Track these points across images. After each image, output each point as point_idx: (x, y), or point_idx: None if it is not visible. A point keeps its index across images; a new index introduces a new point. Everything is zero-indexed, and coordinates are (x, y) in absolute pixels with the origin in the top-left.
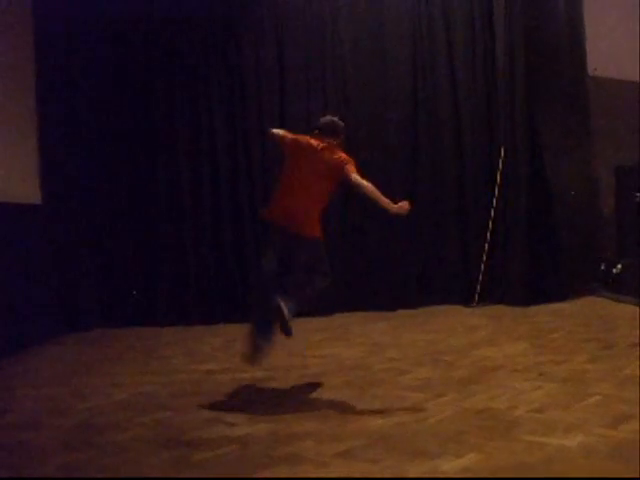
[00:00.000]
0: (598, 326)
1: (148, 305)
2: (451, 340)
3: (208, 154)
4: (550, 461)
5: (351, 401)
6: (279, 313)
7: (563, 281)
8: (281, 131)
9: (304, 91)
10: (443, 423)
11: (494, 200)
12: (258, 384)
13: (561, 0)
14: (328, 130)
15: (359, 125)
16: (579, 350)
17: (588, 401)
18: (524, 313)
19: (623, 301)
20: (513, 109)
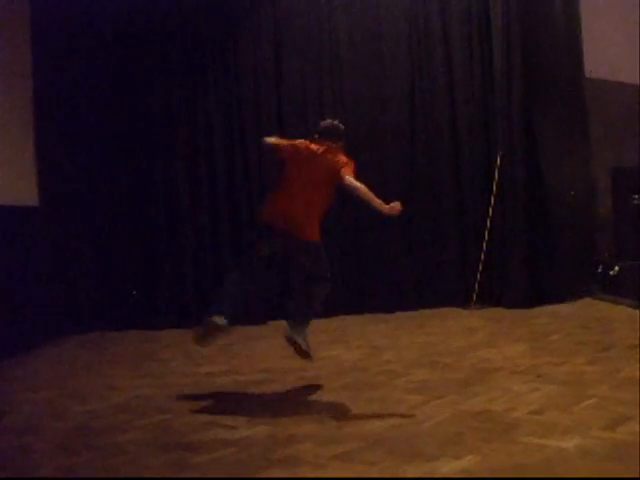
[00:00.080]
0: (596, 328)
1: (146, 307)
2: (449, 342)
3: (206, 155)
4: (548, 463)
5: (349, 403)
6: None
7: (561, 283)
8: (274, 139)
9: (301, 92)
10: (441, 425)
11: (492, 202)
12: (256, 387)
13: (558, 2)
14: (328, 134)
15: (356, 126)
16: (577, 352)
17: (586, 403)
18: (522, 315)
19: (621, 303)
20: (510, 111)
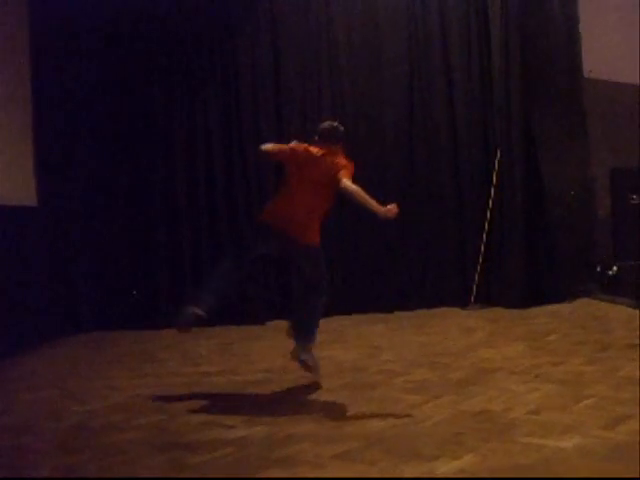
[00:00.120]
0: (594, 328)
1: (145, 307)
2: (448, 342)
3: (204, 155)
4: (547, 463)
5: (348, 403)
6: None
7: (559, 283)
8: (271, 145)
9: (299, 92)
10: (440, 425)
11: (490, 201)
12: (255, 386)
13: (556, 2)
14: (328, 136)
15: (355, 127)
16: (575, 352)
17: (585, 403)
18: (521, 315)
19: (619, 303)
20: (509, 110)
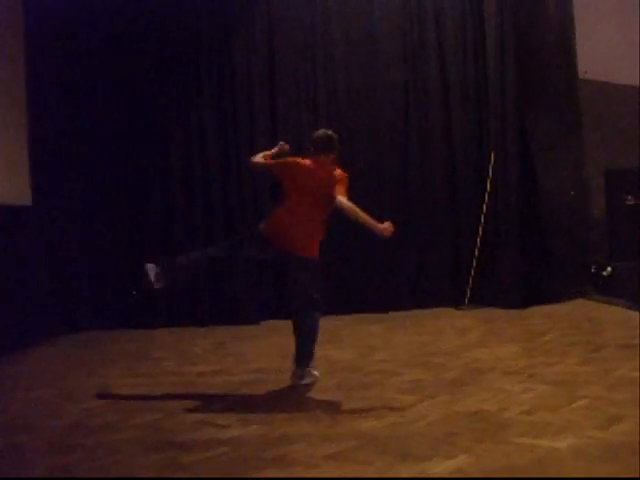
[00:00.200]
0: (589, 328)
1: (140, 307)
2: (442, 342)
3: (200, 156)
4: (541, 463)
5: (342, 403)
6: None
7: (554, 283)
8: (261, 158)
9: (295, 92)
10: (434, 425)
11: (485, 202)
12: (249, 386)
13: (551, 3)
14: (322, 146)
15: (350, 128)
16: (569, 352)
17: (578, 403)
18: (515, 315)
19: (613, 304)
20: (504, 111)
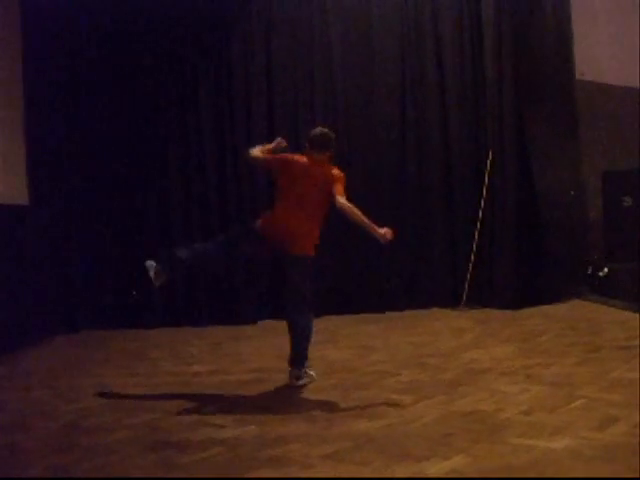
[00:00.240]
0: (585, 329)
1: (136, 307)
2: (439, 343)
3: (197, 156)
4: (537, 463)
5: (338, 403)
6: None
7: (550, 284)
8: (260, 153)
9: (292, 93)
10: (430, 425)
11: (482, 203)
12: (245, 386)
13: (549, 5)
14: (318, 144)
15: (347, 128)
16: (566, 353)
17: (575, 404)
18: (512, 316)
19: (610, 304)
20: (501, 112)
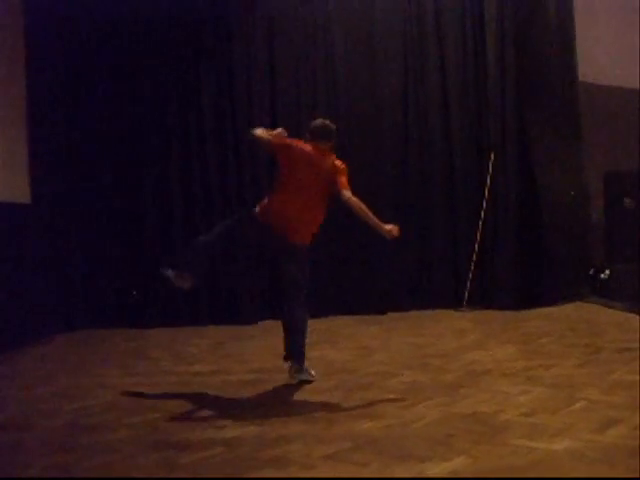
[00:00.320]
0: (586, 331)
1: (137, 306)
2: (440, 344)
3: (199, 156)
4: (538, 465)
5: (339, 404)
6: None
7: (552, 286)
8: (264, 132)
9: (294, 95)
10: (431, 427)
11: (484, 204)
12: (246, 386)
13: (552, 5)
14: (319, 134)
15: (349, 128)
16: (567, 355)
17: (576, 406)
18: (513, 317)
19: (611, 306)
20: (504, 113)
